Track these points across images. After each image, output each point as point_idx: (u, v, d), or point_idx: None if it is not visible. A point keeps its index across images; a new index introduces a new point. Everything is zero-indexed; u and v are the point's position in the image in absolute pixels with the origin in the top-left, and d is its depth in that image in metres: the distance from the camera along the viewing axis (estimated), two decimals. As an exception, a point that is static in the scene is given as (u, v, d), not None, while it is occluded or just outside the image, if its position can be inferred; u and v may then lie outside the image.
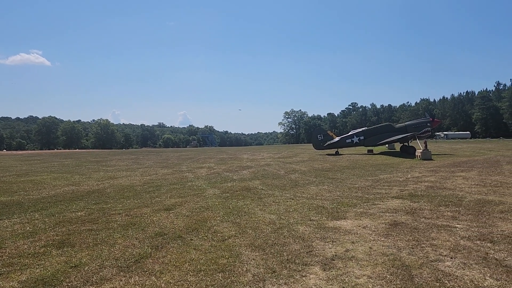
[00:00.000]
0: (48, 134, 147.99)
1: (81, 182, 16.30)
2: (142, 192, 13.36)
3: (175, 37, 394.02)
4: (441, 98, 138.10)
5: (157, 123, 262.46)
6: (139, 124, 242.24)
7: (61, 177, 18.39)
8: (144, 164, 26.32)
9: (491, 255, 5.74)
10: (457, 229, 7.30)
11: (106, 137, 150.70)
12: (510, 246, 6.12)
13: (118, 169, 22.96)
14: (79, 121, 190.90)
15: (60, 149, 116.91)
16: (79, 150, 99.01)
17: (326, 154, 32.72)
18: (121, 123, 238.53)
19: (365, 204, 10.22)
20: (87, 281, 5.14)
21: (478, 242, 6.42)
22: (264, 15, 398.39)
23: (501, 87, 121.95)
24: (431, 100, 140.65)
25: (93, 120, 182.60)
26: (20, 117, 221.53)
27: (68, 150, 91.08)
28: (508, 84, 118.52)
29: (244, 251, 6.31)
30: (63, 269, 5.59)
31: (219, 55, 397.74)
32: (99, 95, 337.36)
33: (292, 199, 11.27)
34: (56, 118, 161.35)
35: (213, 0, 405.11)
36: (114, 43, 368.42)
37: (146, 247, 6.59)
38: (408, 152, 30.25)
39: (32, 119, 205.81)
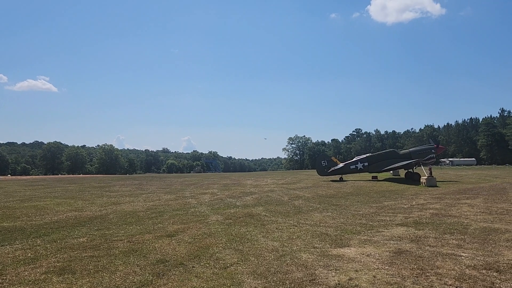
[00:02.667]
0: (53, 159, 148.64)
1: (84, 208, 16.28)
2: (145, 218, 13.31)
3: (178, 63, 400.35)
4: (446, 124, 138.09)
5: (161, 149, 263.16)
6: (143, 149, 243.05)
7: (64, 203, 18.38)
8: (147, 190, 26.29)
9: (497, 285, 5.64)
10: (463, 257, 7.19)
11: (110, 162, 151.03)
12: (516, 276, 6.02)
13: (121, 194, 22.94)
14: (84, 146, 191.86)
15: (65, 174, 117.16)
16: (83, 175, 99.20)
17: (330, 180, 32.56)
18: (126, 148, 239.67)
19: (369, 231, 10.12)
20: (86, 309, 5.08)
21: (484, 271, 6.32)
22: (267, 41, 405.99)
23: (505, 114, 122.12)
24: (436, 126, 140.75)
25: (98, 145, 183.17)
26: (26, 142, 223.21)
27: (72, 175, 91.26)
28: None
29: (246, 279, 6.24)
30: (63, 296, 5.54)
31: (223, 81, 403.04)
32: (104, 120, 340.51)
33: (296, 226, 11.18)
34: (61, 143, 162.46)
35: (216, 27, 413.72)
36: (119, 69, 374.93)
37: (147, 274, 6.54)
38: (413, 179, 30.05)
39: (37, 144, 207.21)
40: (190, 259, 7.58)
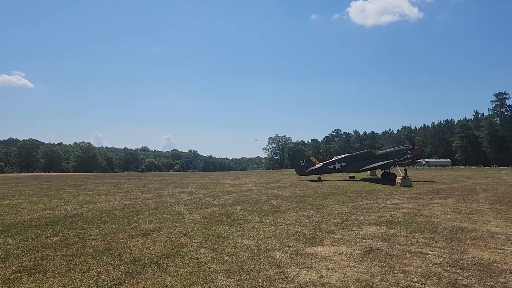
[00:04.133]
0: (28, 157, 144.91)
1: (59, 207, 16.02)
2: (121, 217, 13.21)
3: (159, 62, 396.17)
4: (422, 126, 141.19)
5: (140, 147, 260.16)
6: (122, 148, 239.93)
7: (38, 201, 18.04)
8: (124, 189, 26.00)
9: (460, 282, 5.88)
10: (430, 255, 7.44)
11: (87, 161, 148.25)
12: (478, 273, 6.28)
13: (97, 193, 22.64)
14: (60, 144, 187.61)
15: (40, 172, 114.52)
16: (60, 173, 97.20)
17: (309, 180, 32.89)
18: (104, 147, 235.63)
19: (343, 230, 10.33)
20: (57, 308, 5.06)
21: (448, 268, 6.57)
22: (248, 41, 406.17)
23: (479, 116, 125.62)
24: (413, 127, 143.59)
25: (75, 143, 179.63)
26: (0, 139, 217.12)
27: (48, 174, 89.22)
28: (486, 113, 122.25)
29: (219, 277, 6.31)
30: (33, 295, 5.50)
31: (204, 80, 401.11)
32: (82, 117, 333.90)
33: (272, 225, 11.30)
34: (37, 141, 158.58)
35: (198, 27, 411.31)
36: (98, 67, 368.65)
37: (120, 273, 6.53)
38: (389, 179, 30.65)
39: (12, 141, 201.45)
40: (164, 258, 7.60)
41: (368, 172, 36.74)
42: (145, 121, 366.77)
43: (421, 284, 5.78)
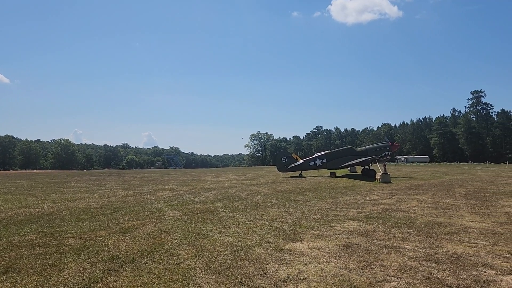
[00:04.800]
0: (4, 154, 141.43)
1: (35, 204, 15.69)
2: (99, 214, 13.03)
3: (140, 57, 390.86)
4: (402, 123, 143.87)
5: (120, 144, 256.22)
6: (102, 145, 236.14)
7: (14, 199, 17.63)
8: (104, 186, 25.65)
9: (434, 275, 6.02)
10: (406, 250, 7.60)
11: (66, 158, 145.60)
12: (452, 266, 6.44)
13: (76, 190, 22.26)
14: (38, 140, 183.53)
15: (17, 170, 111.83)
16: (37, 170, 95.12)
17: (290, 177, 33.10)
18: (83, 143, 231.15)
19: (322, 226, 10.43)
20: (31, 308, 4.97)
21: (424, 262, 6.72)
22: (229, 38, 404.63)
23: (456, 113, 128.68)
24: (392, 125, 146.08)
25: (53, 139, 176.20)
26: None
27: (25, 171, 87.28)
28: (463, 110, 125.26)
29: (198, 274, 6.30)
30: (7, 295, 5.38)
31: (185, 76, 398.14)
32: (60, 114, 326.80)
33: (252, 222, 11.33)
34: (13, 137, 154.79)
35: (178, 23, 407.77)
36: (77, 62, 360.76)
37: (97, 271, 6.45)
38: (368, 175, 31.13)
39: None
40: (143, 255, 7.53)
41: (349, 168, 37.22)
42: (126, 118, 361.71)
43: (397, 278, 5.90)
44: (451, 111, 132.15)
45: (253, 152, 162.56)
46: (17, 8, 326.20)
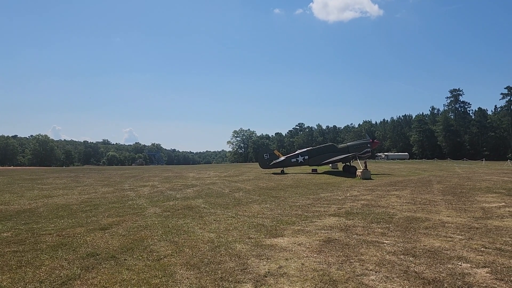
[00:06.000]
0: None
1: (11, 201, 15.32)
2: (78, 211, 12.81)
3: (120, 53, 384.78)
4: (382, 120, 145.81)
5: (101, 140, 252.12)
6: (82, 141, 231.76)
7: (-11, 196, 17.17)
8: (83, 182, 25.21)
9: (411, 269, 6.13)
10: (385, 244, 7.72)
11: (45, 154, 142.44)
12: (429, 260, 6.58)
13: (54, 187, 21.82)
14: (15, 136, 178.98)
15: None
16: (14, 167, 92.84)
17: (272, 173, 33.18)
18: (62, 139, 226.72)
19: (303, 221, 10.50)
20: (5, 306, 4.85)
21: (402, 256, 6.84)
22: (211, 34, 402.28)
23: (435, 111, 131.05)
24: (373, 122, 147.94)
25: (31, 135, 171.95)
26: None
27: (1, 168, 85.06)
28: (442, 109, 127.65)
29: (178, 270, 6.26)
30: (-20, 293, 5.25)
31: (166, 72, 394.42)
32: (38, 109, 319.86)
33: (234, 218, 11.32)
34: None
35: (160, 18, 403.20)
36: (56, 57, 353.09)
37: (75, 268, 6.34)
38: (349, 172, 31.45)
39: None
40: (122, 252, 7.45)
41: (330, 165, 37.51)
42: (106, 114, 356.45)
43: (376, 272, 5.99)
44: (430, 109, 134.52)
45: (235, 149, 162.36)
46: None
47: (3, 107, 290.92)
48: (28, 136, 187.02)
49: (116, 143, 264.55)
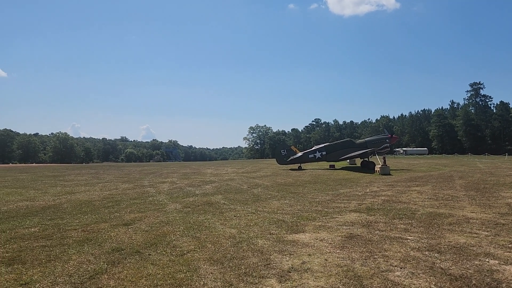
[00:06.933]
0: (3, 148, 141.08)
1: (36, 198, 15.69)
2: (101, 207, 13.04)
3: (136, 50, 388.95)
4: (400, 115, 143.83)
5: (119, 137, 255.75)
6: (101, 138, 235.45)
7: (15, 192, 17.63)
8: (104, 179, 25.66)
9: (437, 265, 6.05)
10: (408, 240, 7.63)
11: (65, 151, 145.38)
12: (455, 256, 6.48)
13: (76, 184, 22.27)
14: (36, 134, 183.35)
15: (16, 163, 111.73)
16: (36, 164, 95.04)
17: (290, 169, 33.15)
18: (82, 137, 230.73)
19: (324, 217, 10.46)
20: (37, 299, 4.99)
21: (426, 252, 6.75)
22: (226, 31, 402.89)
23: (455, 106, 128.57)
24: (391, 117, 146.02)
25: (52, 133, 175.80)
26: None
27: (24, 165, 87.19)
28: (462, 103, 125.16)
29: (202, 265, 6.32)
30: (12, 286, 5.40)
31: (181, 69, 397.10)
32: (58, 107, 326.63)
33: (254, 214, 11.35)
34: (11, 131, 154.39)
35: (175, 16, 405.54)
36: (74, 55, 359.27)
37: (102, 263, 6.47)
38: (368, 167, 31.16)
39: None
40: (146, 247, 7.55)
41: (348, 160, 37.26)
42: (124, 111, 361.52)
43: (401, 268, 5.93)
44: (450, 103, 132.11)
45: (252, 145, 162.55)
46: (12, 4, 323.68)
47: (24, 105, 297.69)
48: (49, 134, 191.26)
49: (134, 140, 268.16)
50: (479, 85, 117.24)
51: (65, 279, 5.71)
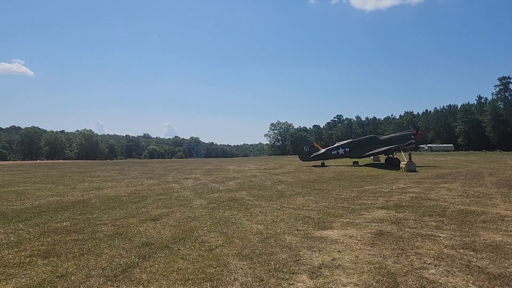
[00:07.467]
0: (31, 145, 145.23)
1: (66, 193, 16.08)
2: (128, 202, 13.25)
3: (158, 48, 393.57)
4: (424, 111, 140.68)
5: (142, 134, 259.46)
6: (124, 135, 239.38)
7: (45, 188, 18.11)
8: (129, 175, 26.07)
9: (473, 263, 5.88)
10: (441, 238, 7.45)
11: (90, 148, 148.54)
12: (492, 255, 6.28)
13: (103, 179, 22.71)
14: (62, 131, 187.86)
15: (43, 160, 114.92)
16: (63, 160, 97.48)
17: (312, 166, 32.91)
18: (106, 134, 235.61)
19: (351, 214, 10.33)
20: (73, 291, 5.09)
21: (461, 250, 6.57)
22: (247, 28, 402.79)
23: (482, 101, 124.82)
24: (415, 113, 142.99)
25: (77, 130, 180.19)
26: (2, 127, 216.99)
27: (52, 161, 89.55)
28: (489, 98, 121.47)
29: (231, 260, 6.33)
30: (49, 278, 5.53)
31: (204, 66, 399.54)
32: (83, 105, 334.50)
33: (279, 210, 11.32)
34: (39, 128, 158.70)
35: (196, 14, 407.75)
36: (98, 54, 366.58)
37: (133, 257, 6.56)
38: (392, 164, 30.63)
39: (14, 129, 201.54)
40: (175, 242, 7.62)
41: (371, 157, 36.72)
42: (146, 108, 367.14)
43: (435, 266, 5.79)
44: (477, 98, 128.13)
45: (273, 142, 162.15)
46: (39, 4, 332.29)
47: (50, 103, 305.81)
48: (74, 131, 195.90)
49: (156, 137, 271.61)
50: (508, 79, 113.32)
51: (98, 272, 5.82)
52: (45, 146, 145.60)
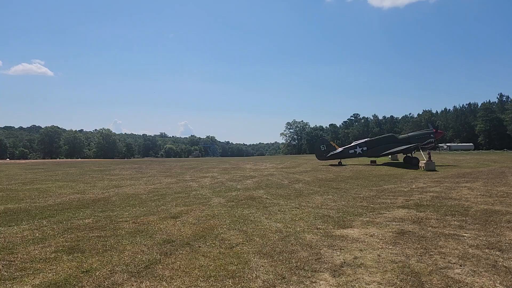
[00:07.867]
0: (51, 144, 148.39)
1: (86, 191, 16.36)
2: (148, 200, 13.41)
3: (175, 48, 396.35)
4: (443, 109, 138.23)
5: (158, 133, 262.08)
6: (141, 134, 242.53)
7: (66, 186, 18.46)
8: (147, 173, 26.37)
9: (500, 263, 5.76)
10: (465, 237, 7.31)
11: (108, 147, 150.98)
12: (518, 255, 6.14)
13: (122, 178, 23.03)
14: (81, 130, 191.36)
15: (63, 159, 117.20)
16: (82, 159, 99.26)
17: (329, 165, 32.72)
18: (123, 133, 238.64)
19: (370, 213, 10.24)
20: (99, 286, 5.18)
21: (486, 250, 6.44)
22: (263, 26, 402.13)
23: (504, 99, 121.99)
24: (434, 111, 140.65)
25: (95, 129, 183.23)
26: (23, 126, 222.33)
27: (71, 160, 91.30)
28: (511, 96, 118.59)
29: (252, 258, 6.34)
30: (75, 274, 5.64)
31: (220, 66, 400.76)
32: (101, 104, 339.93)
33: (298, 208, 11.29)
34: (58, 128, 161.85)
35: (212, 12, 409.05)
36: (116, 55, 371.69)
37: (155, 254, 6.63)
38: (411, 163, 30.23)
39: (35, 128, 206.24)
40: (195, 239, 7.67)
41: (389, 156, 36.32)
42: (163, 108, 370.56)
43: (460, 265, 5.69)
44: (498, 96, 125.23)
45: (289, 141, 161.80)
46: (57, 5, 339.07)
47: (69, 103, 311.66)
48: (93, 130, 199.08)
49: (173, 136, 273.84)
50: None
51: (122, 268, 5.90)
52: (65, 145, 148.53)
